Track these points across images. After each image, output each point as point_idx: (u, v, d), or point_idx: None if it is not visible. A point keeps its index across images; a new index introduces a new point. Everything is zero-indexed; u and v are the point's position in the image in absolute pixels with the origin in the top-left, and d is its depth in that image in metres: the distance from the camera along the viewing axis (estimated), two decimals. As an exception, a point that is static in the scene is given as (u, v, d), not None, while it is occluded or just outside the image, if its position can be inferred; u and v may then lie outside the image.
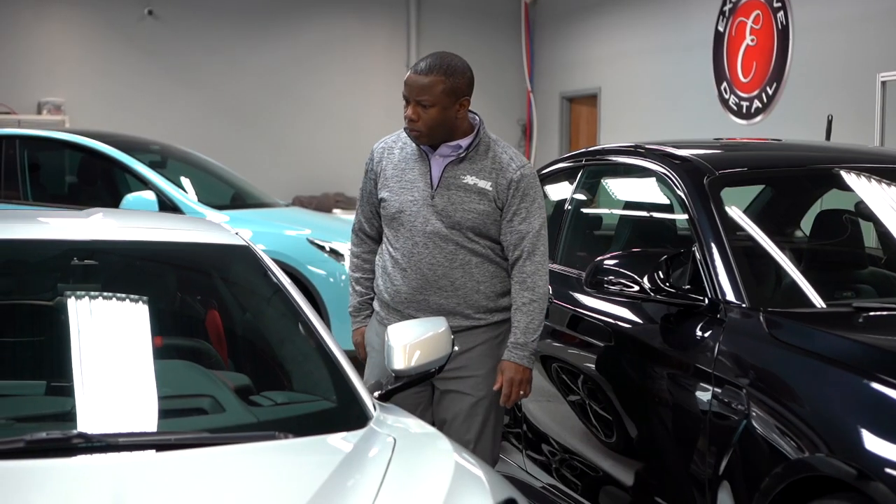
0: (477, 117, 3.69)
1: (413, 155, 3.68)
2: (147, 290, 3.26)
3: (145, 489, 2.33)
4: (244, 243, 3.36)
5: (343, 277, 7.56)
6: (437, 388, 3.70)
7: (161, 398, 2.79)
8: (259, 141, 12.15)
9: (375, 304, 3.80)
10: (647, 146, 4.27)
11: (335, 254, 7.61)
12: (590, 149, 4.87)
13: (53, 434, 2.49)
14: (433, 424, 3.45)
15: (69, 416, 2.63)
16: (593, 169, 4.65)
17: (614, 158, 4.53)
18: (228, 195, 8.52)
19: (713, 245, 3.53)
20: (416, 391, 3.60)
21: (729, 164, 3.96)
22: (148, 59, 11.85)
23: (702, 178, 3.75)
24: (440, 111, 3.53)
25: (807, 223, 4.26)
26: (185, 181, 8.15)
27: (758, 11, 9.21)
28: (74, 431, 2.49)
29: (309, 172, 12.31)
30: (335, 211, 11.18)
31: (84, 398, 2.69)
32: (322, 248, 7.62)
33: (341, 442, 2.63)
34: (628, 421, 3.76)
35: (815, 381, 2.96)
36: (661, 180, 4.00)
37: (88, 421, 2.59)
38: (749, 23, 9.32)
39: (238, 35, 12.12)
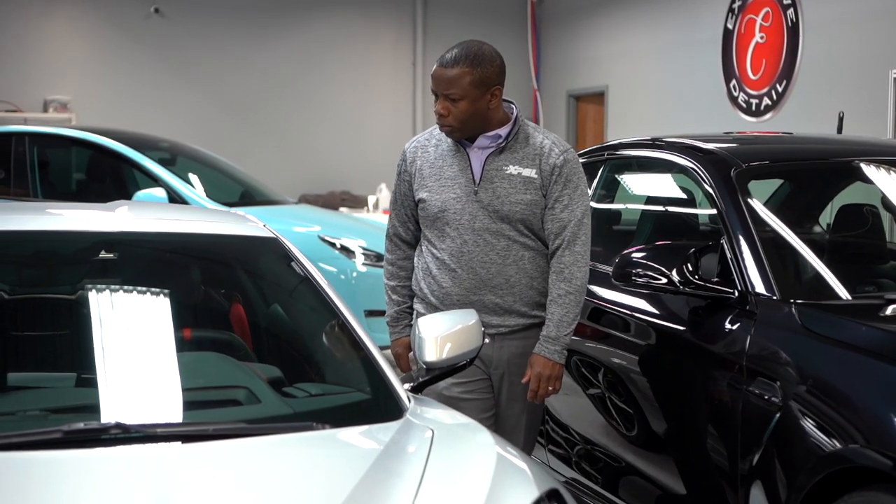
0: (513, 106, 3.56)
1: (450, 150, 3.51)
2: (177, 281, 3.25)
3: (186, 479, 2.31)
4: (273, 235, 3.34)
5: (354, 274, 7.54)
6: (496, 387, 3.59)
7: (195, 389, 2.78)
8: (265, 139, 12.13)
9: (418, 307, 3.63)
10: (667, 139, 4.26)
11: (346, 251, 7.60)
12: (609, 143, 4.85)
13: (91, 424, 2.47)
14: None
15: (103, 408, 2.61)
16: (615, 163, 4.63)
17: (636, 152, 4.52)
18: (237, 192, 8.50)
19: (742, 237, 3.51)
20: (484, 397, 3.52)
21: (755, 156, 3.94)
22: (154, 56, 11.83)
23: (729, 170, 3.74)
24: (470, 104, 3.37)
25: (828, 215, 4.25)
26: (195, 178, 8.14)
27: (767, 9, 9.20)
28: (112, 422, 2.47)
29: (315, 171, 12.29)
30: (341, 209, 11.16)
31: (117, 389, 2.67)
32: (333, 244, 7.60)
33: (379, 433, 2.61)
34: (656, 415, 3.74)
35: (851, 373, 2.95)
36: (686, 173, 3.99)
37: (124, 412, 2.57)
38: (758, 20, 9.30)
39: (244, 33, 12.10)
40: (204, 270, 3.34)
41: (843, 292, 3.42)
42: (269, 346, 3.26)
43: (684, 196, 4.34)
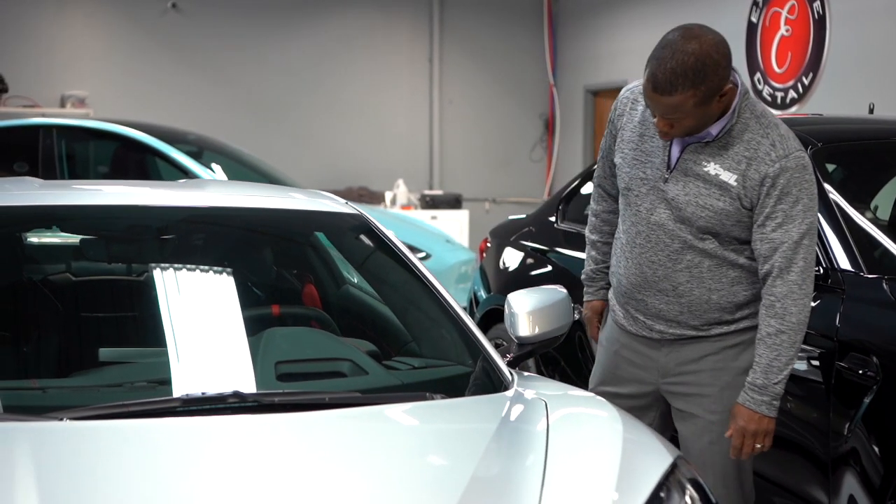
0: (738, 88, 2.84)
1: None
2: (268, 256, 3.24)
3: (311, 447, 2.29)
4: (357, 212, 3.32)
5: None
6: (671, 406, 3.12)
7: (301, 361, 2.76)
8: (282, 135, 12.09)
9: (610, 293, 3.22)
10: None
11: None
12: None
13: (210, 393, 2.44)
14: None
15: (211, 379, 2.58)
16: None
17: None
18: (264, 185, 8.47)
19: (824, 215, 3.50)
20: (640, 405, 3.10)
21: (830, 136, 3.93)
22: (172, 52, 11.78)
23: (806, 149, 3.72)
24: (697, 119, 2.80)
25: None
26: (223, 171, 8.11)
27: (793, 2, 9.19)
28: (230, 390, 2.44)
29: (332, 166, 12.25)
30: (358, 205, 11.12)
31: (221, 361, 2.65)
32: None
33: (493, 403, 2.59)
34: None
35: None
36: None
37: (234, 382, 2.54)
38: (784, 13, 9.30)
39: (261, 29, 12.06)
40: (294, 245, 3.33)
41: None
42: (364, 321, 3.25)
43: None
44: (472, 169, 12.52)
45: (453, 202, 11.44)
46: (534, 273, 4.90)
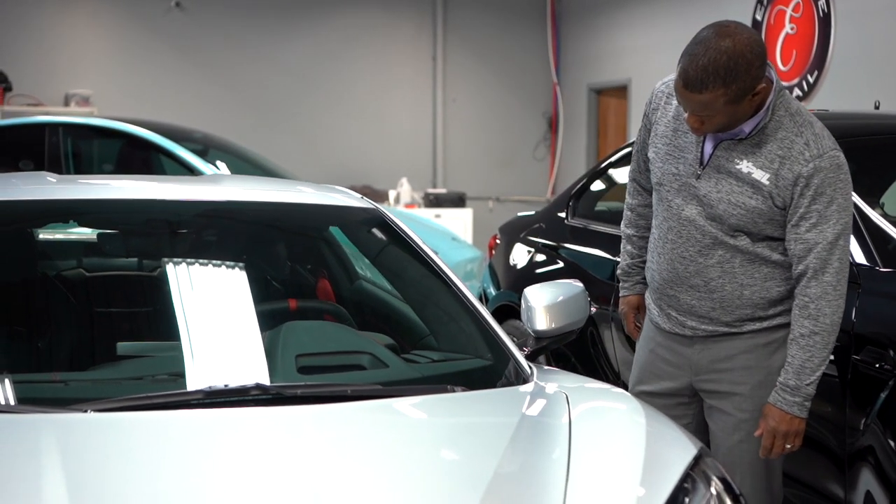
0: (773, 86, 2.81)
1: None
2: (284, 250, 3.24)
3: (334, 438, 2.29)
4: (372, 206, 3.32)
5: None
6: (704, 402, 3.11)
7: (321, 354, 2.77)
8: (285, 133, 12.10)
9: (647, 292, 3.20)
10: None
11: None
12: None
13: (232, 385, 2.45)
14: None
15: (232, 371, 2.58)
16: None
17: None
18: (269, 184, 8.46)
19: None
20: (677, 403, 3.10)
21: (841, 131, 3.92)
22: (175, 51, 11.79)
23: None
24: (728, 116, 2.77)
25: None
26: (228, 169, 8.11)
27: (797, 0, 9.21)
28: (252, 383, 2.45)
29: (336, 165, 12.26)
30: (362, 204, 11.11)
31: (245, 354, 2.65)
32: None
33: (514, 396, 2.60)
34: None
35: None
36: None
37: (257, 375, 2.54)
38: (788, 11, 9.30)
39: (265, 28, 12.07)
40: (310, 239, 3.33)
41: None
42: (382, 315, 3.25)
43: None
44: (476, 167, 12.53)
45: (457, 200, 11.46)
46: (544, 269, 4.90)
